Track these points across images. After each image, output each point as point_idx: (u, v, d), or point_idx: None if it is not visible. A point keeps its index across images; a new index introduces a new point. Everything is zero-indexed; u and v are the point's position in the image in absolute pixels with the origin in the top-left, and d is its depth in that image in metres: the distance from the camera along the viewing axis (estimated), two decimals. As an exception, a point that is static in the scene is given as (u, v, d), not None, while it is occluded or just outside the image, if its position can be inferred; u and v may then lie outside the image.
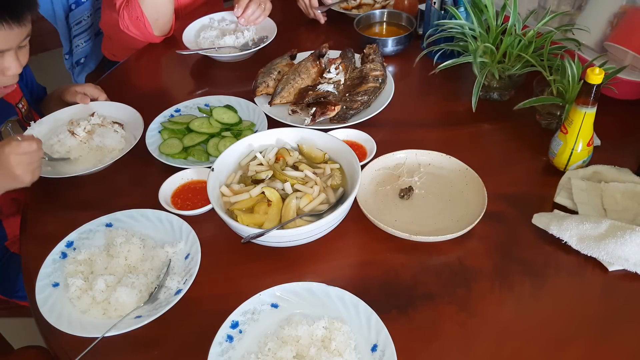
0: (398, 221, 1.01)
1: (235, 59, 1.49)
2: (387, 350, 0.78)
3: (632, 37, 1.17)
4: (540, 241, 0.97)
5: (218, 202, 0.95)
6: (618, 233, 0.91)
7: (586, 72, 0.97)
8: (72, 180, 1.12)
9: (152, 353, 0.84)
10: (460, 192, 1.05)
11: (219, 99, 1.32)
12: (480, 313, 0.87)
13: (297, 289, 0.88)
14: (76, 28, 1.87)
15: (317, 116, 1.21)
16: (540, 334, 0.84)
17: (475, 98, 1.19)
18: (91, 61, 1.98)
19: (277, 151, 1.06)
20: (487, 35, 1.26)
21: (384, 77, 1.32)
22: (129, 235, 0.98)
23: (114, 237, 0.98)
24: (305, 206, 0.96)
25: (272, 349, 0.80)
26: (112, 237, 0.99)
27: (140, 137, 1.18)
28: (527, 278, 0.92)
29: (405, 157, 1.12)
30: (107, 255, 0.96)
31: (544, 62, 1.18)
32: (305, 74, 1.32)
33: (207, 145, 1.18)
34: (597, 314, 0.87)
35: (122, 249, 0.96)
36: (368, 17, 1.57)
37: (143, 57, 1.58)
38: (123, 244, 0.96)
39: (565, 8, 1.33)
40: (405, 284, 0.92)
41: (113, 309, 0.88)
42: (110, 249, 0.97)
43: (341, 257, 0.98)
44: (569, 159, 1.07)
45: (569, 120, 1.03)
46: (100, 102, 1.29)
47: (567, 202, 1.03)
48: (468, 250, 0.97)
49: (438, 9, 1.37)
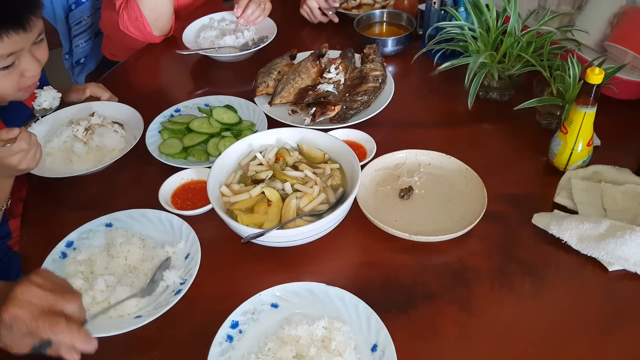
0: (398, 221, 1.01)
1: (235, 59, 1.49)
2: (387, 350, 0.78)
3: (632, 37, 1.17)
4: (540, 241, 0.97)
5: (218, 202, 0.95)
6: (618, 233, 0.91)
7: (586, 72, 0.97)
8: (72, 180, 1.12)
9: (152, 353, 0.84)
10: (460, 192, 1.05)
11: (219, 99, 1.32)
12: (480, 313, 0.87)
13: (297, 289, 0.88)
14: (76, 28, 1.87)
15: (317, 116, 1.21)
16: (540, 334, 0.84)
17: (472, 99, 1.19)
18: (91, 61, 1.98)
19: (277, 151, 1.06)
20: (487, 36, 1.26)
21: (384, 77, 1.32)
22: (129, 235, 0.98)
23: (114, 237, 0.98)
24: (305, 206, 0.96)
25: (272, 349, 0.80)
26: (112, 237, 0.98)
27: (140, 137, 1.18)
28: (527, 278, 0.92)
29: (405, 157, 1.12)
30: (107, 255, 0.96)
31: (544, 62, 1.18)
32: (305, 74, 1.32)
33: (207, 145, 1.18)
34: (597, 313, 0.87)
35: (122, 249, 0.96)
36: (368, 17, 1.58)
37: (143, 57, 1.58)
38: (123, 244, 0.96)
39: (565, 8, 1.33)
40: (405, 284, 0.92)
41: (113, 309, 0.88)
42: (110, 249, 0.97)
43: (341, 257, 0.98)
44: (569, 159, 1.07)
45: (569, 120, 1.03)
46: (100, 102, 1.29)
47: (567, 202, 1.03)
48: (468, 250, 0.97)
49: (438, 9, 1.37)
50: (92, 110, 1.26)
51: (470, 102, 1.20)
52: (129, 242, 0.97)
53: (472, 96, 1.20)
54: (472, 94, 1.19)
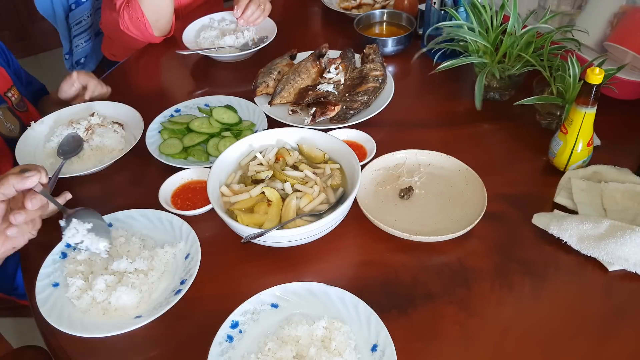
0: (398, 221, 1.01)
1: (235, 59, 1.49)
2: (387, 350, 0.78)
3: (632, 37, 1.17)
4: (540, 241, 0.97)
5: (218, 202, 0.95)
6: (618, 233, 0.91)
7: (586, 72, 0.97)
8: (72, 180, 1.12)
9: (152, 353, 0.84)
10: (460, 192, 1.05)
11: (219, 99, 1.32)
12: (480, 313, 0.87)
13: (297, 289, 0.88)
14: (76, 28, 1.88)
15: (317, 116, 1.21)
16: (540, 334, 0.84)
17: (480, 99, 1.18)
18: (91, 61, 1.98)
19: (277, 151, 1.06)
20: (486, 35, 1.26)
21: (384, 77, 1.32)
22: (128, 235, 0.98)
23: (114, 237, 0.98)
24: (305, 206, 0.96)
25: (272, 349, 0.80)
26: (112, 237, 0.98)
27: (140, 137, 1.18)
28: (527, 278, 0.92)
29: (405, 157, 1.12)
30: (107, 255, 0.96)
31: (544, 62, 1.18)
32: (305, 74, 1.32)
33: (207, 145, 1.18)
34: (597, 313, 0.87)
35: (122, 249, 0.96)
36: (368, 17, 1.58)
37: (143, 57, 1.58)
38: (123, 244, 0.96)
39: (565, 8, 1.33)
40: (405, 284, 0.92)
41: (113, 309, 0.88)
42: (110, 249, 0.97)
43: (341, 257, 0.98)
44: (569, 159, 1.07)
45: (569, 120, 1.03)
46: (100, 102, 1.29)
47: (567, 202, 1.03)
48: (468, 250, 0.97)
49: (438, 9, 1.37)
50: (92, 110, 1.26)
51: (478, 103, 1.18)
52: (129, 242, 0.97)
53: (478, 96, 1.18)
54: (479, 94, 1.18)
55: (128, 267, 0.92)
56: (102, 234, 0.92)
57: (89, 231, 0.91)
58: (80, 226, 0.91)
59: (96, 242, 0.92)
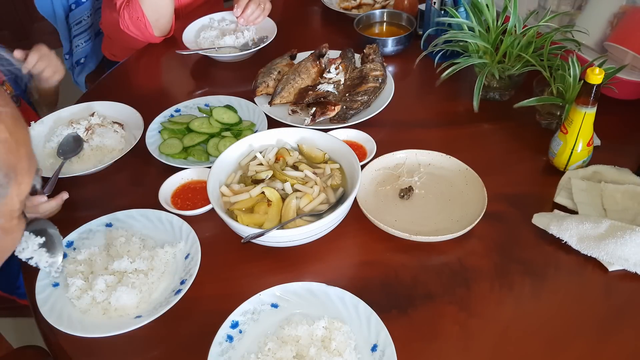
0: (398, 221, 1.01)
1: (235, 59, 1.49)
2: (387, 350, 0.78)
3: (632, 37, 1.17)
4: (540, 241, 0.97)
5: (218, 202, 0.95)
6: (618, 233, 0.91)
7: (586, 72, 0.97)
8: (72, 180, 1.12)
9: (152, 353, 0.84)
10: (460, 192, 1.05)
11: (219, 99, 1.32)
12: (480, 313, 0.87)
13: (297, 289, 0.88)
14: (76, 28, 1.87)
15: (317, 116, 1.21)
16: (540, 334, 0.84)
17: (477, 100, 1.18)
18: (91, 61, 1.98)
19: (277, 151, 1.06)
20: (487, 35, 1.26)
21: (384, 77, 1.32)
22: (129, 235, 0.98)
23: (114, 237, 0.98)
24: (305, 206, 0.96)
25: (272, 349, 0.80)
26: (112, 237, 0.99)
27: (140, 137, 1.18)
28: (527, 278, 0.92)
29: (405, 157, 1.12)
30: (107, 255, 0.96)
31: (544, 62, 1.18)
32: (305, 74, 1.32)
33: (207, 145, 1.18)
34: (597, 313, 0.87)
35: (122, 249, 0.96)
36: (368, 17, 1.57)
37: (143, 57, 1.58)
38: (123, 244, 0.96)
39: (565, 8, 1.33)
40: (405, 284, 0.92)
41: (113, 309, 0.88)
42: (110, 249, 0.97)
43: (341, 257, 0.98)
44: (569, 159, 1.07)
45: (569, 120, 1.03)
46: (100, 102, 1.29)
47: (567, 202, 1.03)
48: (468, 250, 0.97)
49: (438, 9, 1.37)
50: (92, 110, 1.26)
51: (476, 103, 1.19)
52: (129, 242, 0.97)
53: (476, 97, 1.19)
54: (477, 95, 1.18)
55: (128, 267, 0.92)
56: (55, 249, 0.83)
57: (40, 246, 0.82)
58: (30, 240, 0.81)
59: (47, 259, 0.83)
